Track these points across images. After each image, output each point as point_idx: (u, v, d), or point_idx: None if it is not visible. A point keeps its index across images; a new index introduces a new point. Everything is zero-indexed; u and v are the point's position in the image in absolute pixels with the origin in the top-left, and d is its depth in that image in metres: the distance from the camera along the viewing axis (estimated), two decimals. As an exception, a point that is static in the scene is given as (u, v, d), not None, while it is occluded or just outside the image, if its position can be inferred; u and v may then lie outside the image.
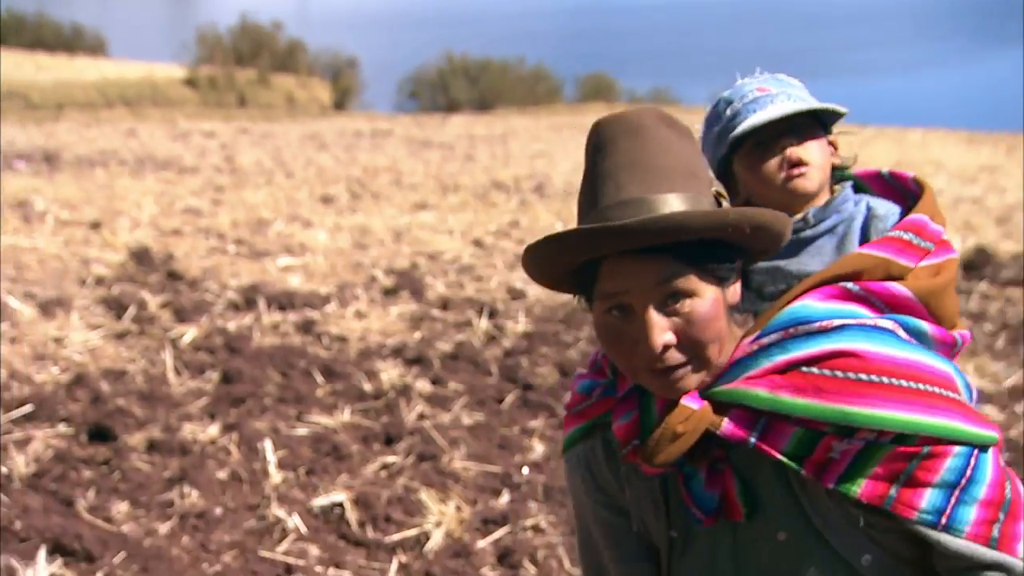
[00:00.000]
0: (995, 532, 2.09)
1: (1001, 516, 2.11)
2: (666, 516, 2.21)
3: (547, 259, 2.07)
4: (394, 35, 53.02)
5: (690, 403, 2.01)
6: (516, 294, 10.89)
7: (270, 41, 37.77)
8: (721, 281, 2.02)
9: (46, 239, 12.02)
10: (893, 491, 2.04)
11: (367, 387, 7.88)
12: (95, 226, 12.98)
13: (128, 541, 5.53)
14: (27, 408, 6.81)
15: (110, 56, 39.97)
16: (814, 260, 2.80)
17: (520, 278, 11.64)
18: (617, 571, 2.40)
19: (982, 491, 2.08)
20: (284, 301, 9.82)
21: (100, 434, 6.67)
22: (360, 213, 15.47)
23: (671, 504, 2.20)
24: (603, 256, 2.01)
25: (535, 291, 11.06)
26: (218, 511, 5.94)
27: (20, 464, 6.10)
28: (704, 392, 2.05)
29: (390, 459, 6.71)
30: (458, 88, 39.01)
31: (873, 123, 35.13)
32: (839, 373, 2.06)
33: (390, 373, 8.12)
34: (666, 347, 1.93)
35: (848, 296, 2.22)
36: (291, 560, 5.51)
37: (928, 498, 2.05)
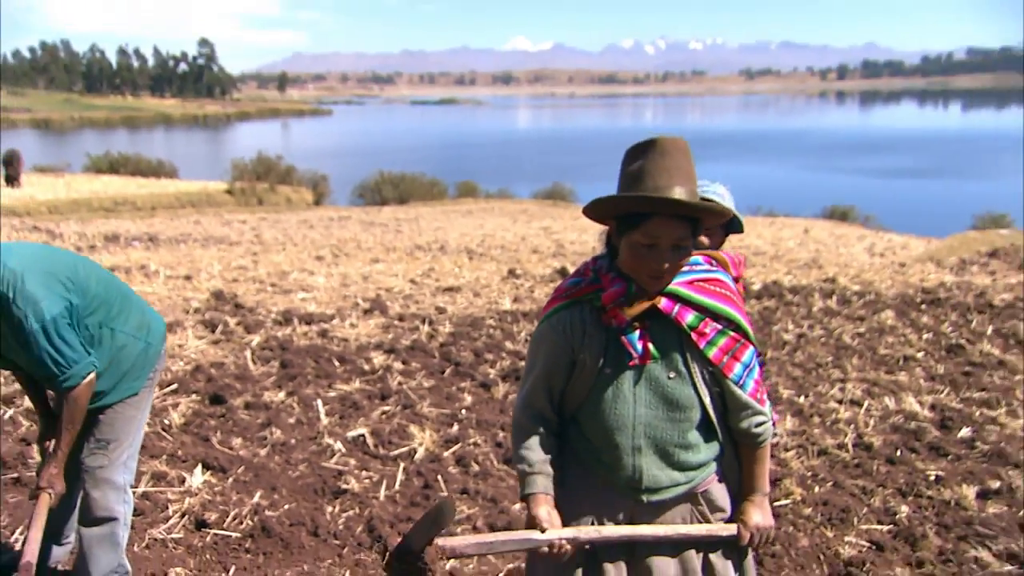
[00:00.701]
0: (759, 396, 2.62)
1: (760, 389, 2.64)
2: (604, 358, 2.54)
3: (621, 205, 2.43)
4: (347, 161, 52.52)
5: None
6: (441, 311, 10.73)
7: (275, 166, 37.77)
8: (693, 243, 2.48)
9: (160, 287, 11.86)
10: (725, 359, 2.54)
11: (366, 367, 7.88)
12: (187, 278, 12.66)
13: (243, 460, 5.58)
14: (173, 386, 6.79)
15: (181, 178, 39.80)
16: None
17: (442, 300, 11.56)
18: (550, 386, 2.64)
19: (756, 374, 2.62)
20: (307, 319, 9.66)
21: (217, 399, 6.66)
22: (340, 265, 15.23)
23: (609, 353, 2.53)
24: (653, 214, 2.38)
25: (451, 309, 10.99)
26: (293, 441, 6.02)
27: (175, 418, 6.08)
28: None
29: (386, 408, 6.79)
30: (387, 191, 38.80)
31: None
32: (716, 288, 2.57)
33: (378, 359, 8.13)
34: (666, 269, 2.40)
35: (711, 263, 2.71)
36: (340, 467, 5.59)
37: (736, 368, 2.56)
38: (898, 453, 6.15)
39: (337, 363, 8.03)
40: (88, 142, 66.69)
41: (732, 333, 2.57)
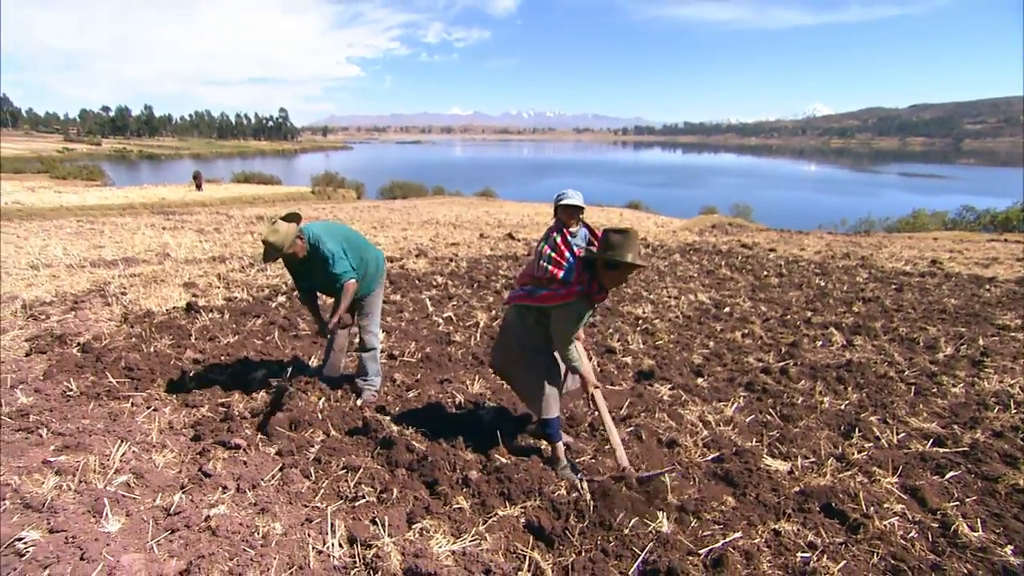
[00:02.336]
0: None
1: None
2: (590, 314, 2.84)
3: (621, 260, 2.66)
4: (365, 175, 50.08)
5: None
6: (456, 255, 10.49)
7: (335, 177, 36.00)
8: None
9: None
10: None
11: (433, 284, 7.85)
12: None
13: (395, 327, 5.72)
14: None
15: (283, 184, 37.69)
16: (575, 241, 3.19)
17: (452, 250, 11.02)
18: (577, 328, 2.88)
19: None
20: (389, 259, 9.47)
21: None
22: (388, 231, 14.75)
23: (588, 312, 2.84)
24: (629, 266, 2.66)
25: (460, 254, 10.63)
26: (416, 319, 6.10)
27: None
28: None
29: (454, 303, 6.80)
30: (396, 191, 37.12)
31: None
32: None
33: (439, 279, 8.09)
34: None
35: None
36: (446, 330, 5.72)
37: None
38: (701, 320, 6.59)
39: (417, 281, 8.04)
40: (221, 166, 62.77)
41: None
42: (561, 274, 2.87)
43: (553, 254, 2.99)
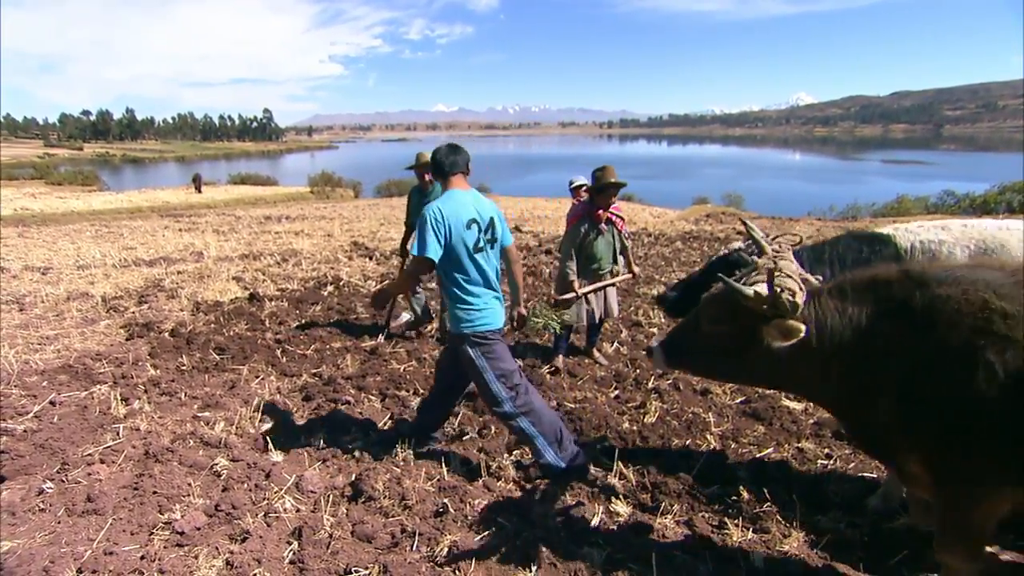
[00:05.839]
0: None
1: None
2: (593, 232, 3.75)
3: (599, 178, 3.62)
4: (361, 174, 49.91)
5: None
6: None
7: (332, 177, 36.08)
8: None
9: (317, 241, 12.04)
10: (623, 228, 3.73)
11: None
12: (329, 235, 12.72)
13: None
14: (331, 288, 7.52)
15: (281, 184, 37.64)
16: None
17: None
18: (576, 245, 3.87)
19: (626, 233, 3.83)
20: (401, 253, 10.12)
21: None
22: (395, 228, 15.05)
23: (594, 230, 3.73)
24: (611, 186, 3.61)
25: None
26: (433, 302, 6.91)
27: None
28: None
29: None
30: (393, 189, 36.91)
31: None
32: (619, 211, 3.73)
33: None
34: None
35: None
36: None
37: (624, 231, 3.73)
38: (710, 297, 7.37)
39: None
40: (207, 168, 62.53)
41: (622, 222, 3.86)
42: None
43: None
